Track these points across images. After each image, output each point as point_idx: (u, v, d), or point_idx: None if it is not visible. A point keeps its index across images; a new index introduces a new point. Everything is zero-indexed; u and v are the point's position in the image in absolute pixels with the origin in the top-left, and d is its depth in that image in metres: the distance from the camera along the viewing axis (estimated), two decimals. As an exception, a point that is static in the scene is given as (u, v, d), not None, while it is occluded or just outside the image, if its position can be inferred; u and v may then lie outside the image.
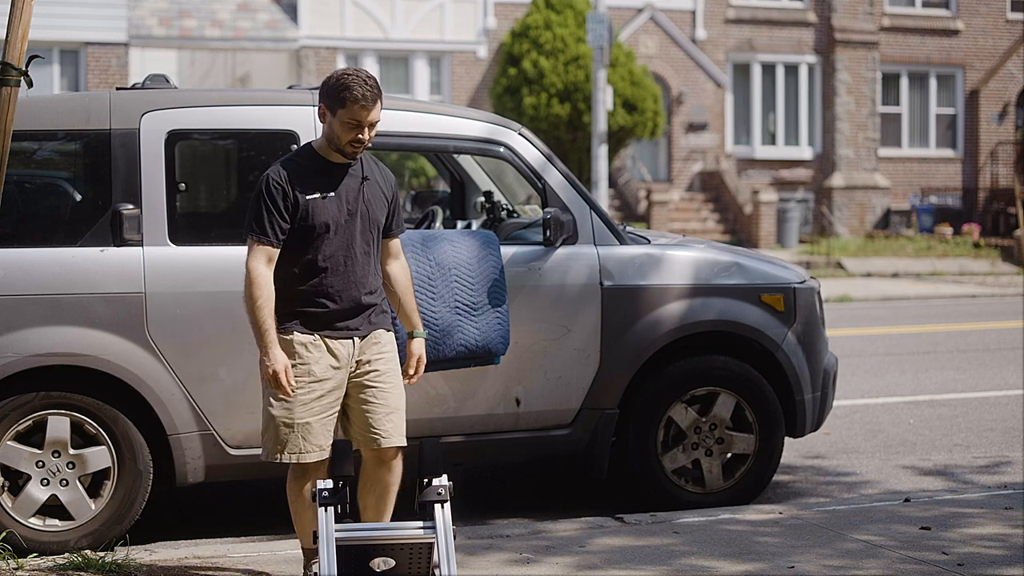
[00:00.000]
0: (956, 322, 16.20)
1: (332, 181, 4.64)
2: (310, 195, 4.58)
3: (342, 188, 4.65)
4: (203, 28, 24.76)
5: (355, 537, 4.12)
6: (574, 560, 5.34)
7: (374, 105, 4.54)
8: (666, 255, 6.44)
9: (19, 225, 5.71)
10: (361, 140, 4.58)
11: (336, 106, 4.55)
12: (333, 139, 4.60)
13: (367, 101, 4.52)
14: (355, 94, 4.51)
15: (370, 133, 4.60)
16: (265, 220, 4.55)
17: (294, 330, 4.63)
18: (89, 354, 5.57)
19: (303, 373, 4.61)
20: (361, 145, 4.60)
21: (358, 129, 4.55)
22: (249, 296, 4.54)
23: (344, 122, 4.54)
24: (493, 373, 6.02)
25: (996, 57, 30.37)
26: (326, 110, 4.60)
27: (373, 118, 4.57)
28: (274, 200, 4.55)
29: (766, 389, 6.51)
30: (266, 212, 4.55)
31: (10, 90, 4.38)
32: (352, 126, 4.54)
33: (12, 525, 5.49)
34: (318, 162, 4.65)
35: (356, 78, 4.54)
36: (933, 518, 5.98)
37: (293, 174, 4.60)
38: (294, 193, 4.57)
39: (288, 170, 4.61)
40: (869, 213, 28.99)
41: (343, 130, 4.55)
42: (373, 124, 4.59)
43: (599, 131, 21.52)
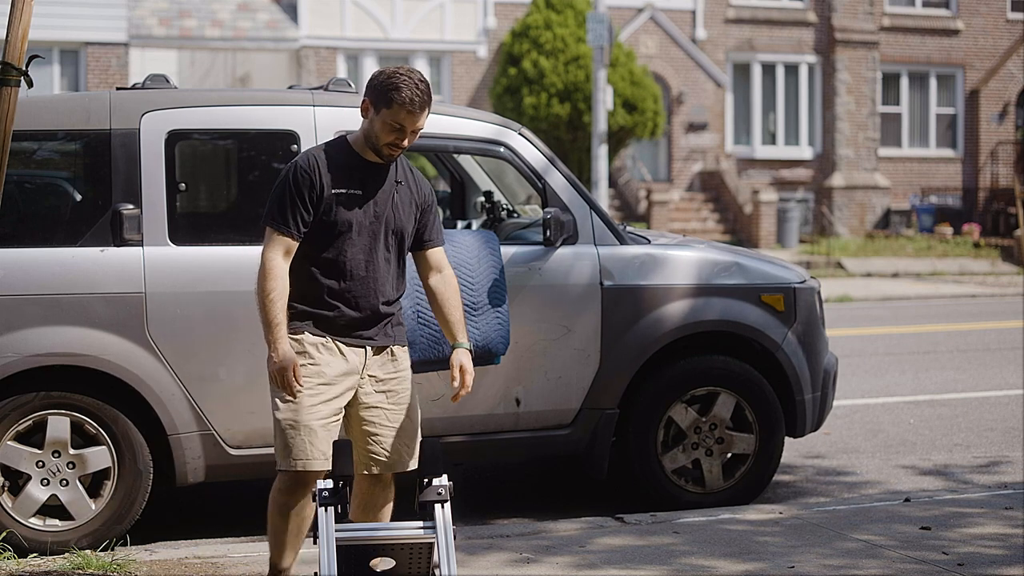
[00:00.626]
0: (956, 322, 16.20)
1: (363, 179, 4.40)
2: (337, 189, 4.35)
3: (372, 188, 4.41)
4: (203, 28, 24.76)
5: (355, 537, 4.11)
6: (574, 560, 5.34)
7: (422, 112, 4.31)
8: (666, 255, 6.44)
9: (19, 225, 5.71)
10: (399, 144, 4.34)
11: (381, 104, 4.30)
12: (371, 137, 4.36)
13: (414, 106, 4.27)
14: (404, 96, 4.27)
15: (411, 139, 4.37)
16: (288, 209, 4.31)
17: (305, 330, 4.39)
18: (89, 354, 5.57)
19: (312, 374, 4.36)
20: (399, 149, 4.37)
21: (399, 133, 4.31)
22: (262, 288, 4.29)
23: (386, 122, 4.30)
24: (493, 373, 6.02)
25: (996, 57, 30.37)
26: (370, 106, 4.35)
27: (418, 124, 4.34)
28: (300, 189, 4.31)
29: (766, 389, 6.51)
30: (290, 201, 4.31)
31: (10, 90, 4.37)
32: (394, 128, 4.31)
33: (12, 525, 5.49)
34: (352, 157, 4.41)
35: (409, 80, 4.30)
36: (933, 518, 5.98)
37: (323, 165, 4.35)
38: (321, 184, 4.32)
39: (318, 160, 4.37)
40: (869, 213, 28.99)
41: (384, 130, 4.31)
42: (416, 131, 4.36)
43: (599, 131, 21.52)
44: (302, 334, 4.38)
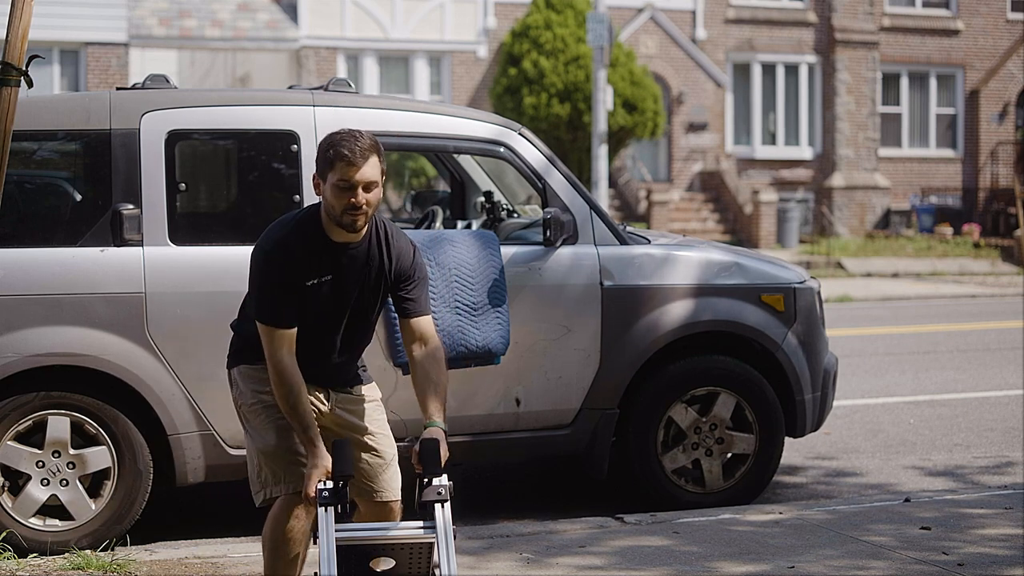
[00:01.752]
0: (956, 322, 16.20)
1: (333, 263, 4.09)
2: (310, 281, 4.06)
3: (342, 273, 4.11)
4: (203, 28, 24.76)
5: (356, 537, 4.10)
6: (574, 560, 5.34)
7: (365, 160, 3.94)
8: (666, 255, 6.44)
9: (19, 225, 5.71)
10: (358, 206, 3.95)
11: (326, 169, 3.98)
12: (329, 210, 4.01)
13: (355, 156, 3.93)
14: (342, 151, 3.93)
15: (367, 196, 3.97)
16: (278, 306, 4.04)
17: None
18: (89, 354, 5.57)
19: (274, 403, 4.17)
20: (359, 212, 3.97)
21: (351, 192, 3.93)
22: (282, 395, 4.05)
23: (334, 185, 3.95)
24: (493, 373, 6.02)
25: (996, 57, 30.36)
26: (318, 179, 4.04)
27: (367, 176, 3.95)
28: (278, 283, 4.03)
29: (766, 389, 6.51)
30: (275, 296, 4.04)
31: (10, 90, 4.37)
32: (343, 188, 3.94)
33: (12, 525, 5.49)
34: (320, 240, 4.07)
35: (346, 134, 3.99)
36: (933, 518, 5.98)
37: (292, 250, 4.04)
38: (292, 275, 4.04)
39: (287, 245, 4.05)
40: (869, 213, 28.99)
41: (335, 196, 3.95)
42: (370, 185, 3.96)
43: (599, 131, 21.52)
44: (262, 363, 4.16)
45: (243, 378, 4.27)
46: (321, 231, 4.07)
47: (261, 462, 4.20)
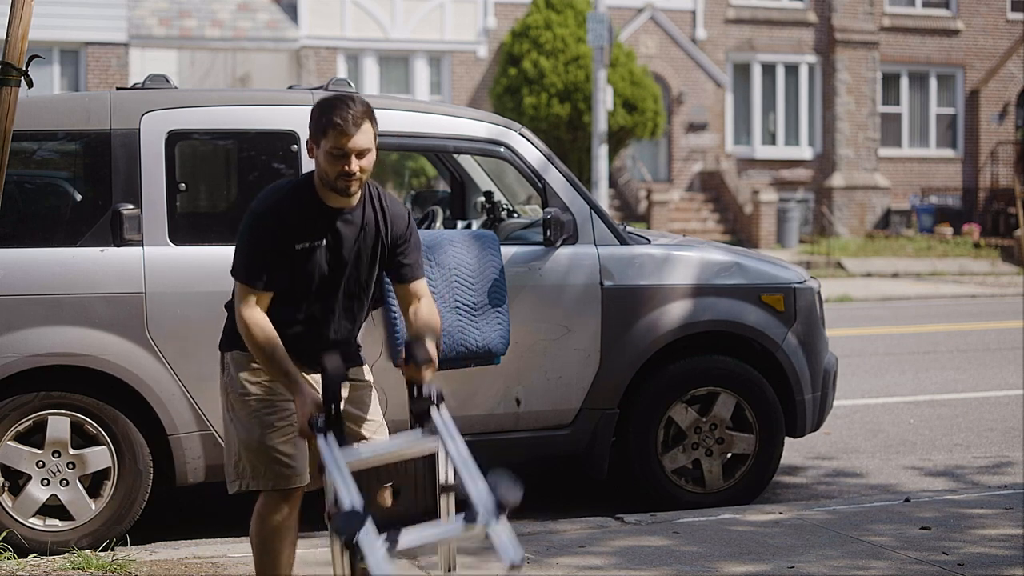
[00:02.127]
0: (956, 322, 16.20)
1: (327, 227, 4.07)
2: (300, 244, 4.04)
3: (336, 237, 4.09)
4: (203, 28, 24.76)
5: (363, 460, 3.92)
6: (574, 560, 5.34)
7: (358, 128, 3.92)
8: (666, 255, 6.44)
9: (19, 225, 5.71)
10: (351, 173, 3.95)
11: (319, 136, 3.97)
12: (324, 177, 4.01)
13: (348, 124, 3.91)
14: (334, 119, 3.92)
15: (361, 163, 3.97)
16: (255, 267, 4.03)
17: None
18: (89, 354, 5.57)
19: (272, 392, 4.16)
20: (352, 179, 3.97)
21: (344, 160, 3.94)
22: (255, 346, 4.02)
23: (327, 152, 3.95)
24: (493, 373, 6.02)
25: (996, 57, 30.37)
26: (312, 143, 4.02)
27: (360, 144, 3.94)
28: (263, 246, 4.02)
29: (766, 389, 6.51)
30: (258, 257, 4.03)
31: (10, 90, 4.37)
32: (336, 156, 3.94)
33: (12, 525, 5.49)
34: (315, 205, 4.06)
35: (337, 100, 3.98)
36: (933, 518, 5.98)
37: (285, 215, 4.03)
38: (284, 239, 4.02)
39: (281, 210, 4.04)
40: (869, 213, 28.99)
41: (328, 163, 3.95)
42: (363, 152, 3.96)
43: (599, 131, 21.52)
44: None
45: (235, 364, 4.21)
46: (315, 196, 4.06)
47: (241, 453, 4.18)
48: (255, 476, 4.17)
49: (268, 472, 4.14)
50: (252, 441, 4.16)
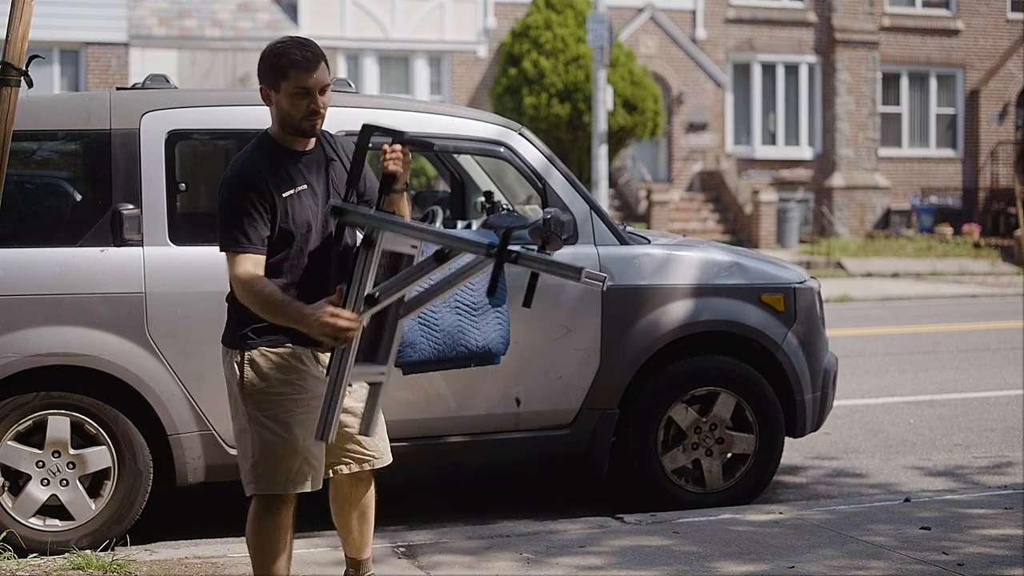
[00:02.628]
0: (956, 322, 16.20)
1: (301, 172, 4.07)
2: (285, 191, 4.00)
3: (312, 178, 4.09)
4: (203, 28, 24.76)
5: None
6: (574, 560, 5.34)
7: (317, 64, 3.98)
8: (666, 255, 6.44)
9: (19, 225, 5.71)
10: (316, 111, 4.00)
11: (278, 79, 3.99)
12: (287, 120, 4.03)
13: (308, 63, 3.96)
14: (294, 58, 3.96)
15: (323, 98, 4.02)
16: (246, 226, 3.94)
17: (286, 343, 4.07)
18: (89, 354, 5.56)
19: (302, 390, 4.08)
20: (319, 116, 4.02)
21: (309, 98, 3.98)
22: (252, 296, 3.94)
23: (290, 93, 3.98)
24: (493, 373, 6.02)
25: (996, 57, 30.37)
26: (268, 91, 4.04)
27: (321, 79, 3.99)
28: (251, 201, 3.94)
29: (766, 389, 6.51)
30: (245, 217, 3.93)
31: (10, 90, 4.37)
32: (301, 95, 3.98)
33: (12, 525, 5.49)
34: (282, 153, 4.06)
35: (290, 41, 4.02)
36: (933, 518, 5.98)
37: (262, 170, 3.99)
38: (268, 192, 3.97)
39: (255, 166, 3.99)
40: (869, 213, 28.99)
41: (292, 104, 3.99)
42: (324, 87, 4.01)
43: (599, 131, 21.52)
44: (285, 346, 4.07)
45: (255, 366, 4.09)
46: (278, 144, 4.08)
47: (265, 455, 4.06)
48: (282, 479, 4.07)
49: (296, 476, 4.06)
50: (283, 443, 4.04)
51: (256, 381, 4.08)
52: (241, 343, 4.13)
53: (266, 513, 4.13)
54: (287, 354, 4.07)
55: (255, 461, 4.08)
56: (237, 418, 4.17)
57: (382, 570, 5.23)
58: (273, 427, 4.05)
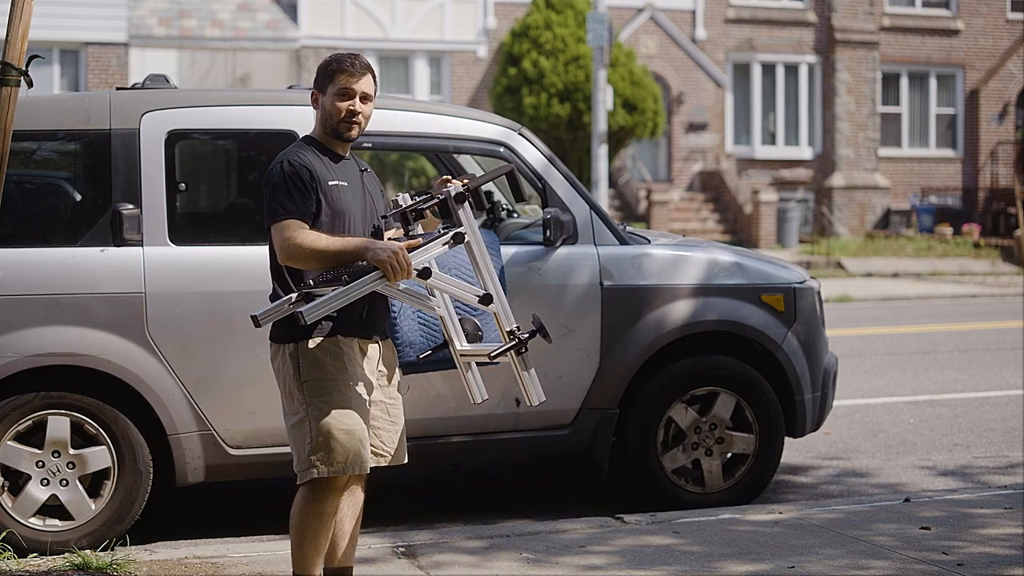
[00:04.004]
0: (956, 322, 16.20)
1: (341, 171, 4.40)
2: (332, 181, 4.32)
3: (351, 179, 4.42)
4: (203, 28, 24.76)
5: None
6: (574, 560, 5.34)
7: (363, 75, 4.38)
8: (666, 255, 6.44)
9: (19, 225, 5.71)
10: (355, 112, 4.36)
11: (326, 83, 4.41)
12: (328, 120, 4.38)
13: (355, 68, 4.38)
14: (343, 65, 4.39)
15: (364, 107, 4.38)
16: (294, 198, 4.22)
17: (337, 333, 4.28)
18: (89, 354, 5.56)
19: (353, 377, 4.29)
20: (356, 119, 4.37)
21: (350, 99, 4.35)
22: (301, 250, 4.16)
23: (335, 94, 4.36)
24: (493, 373, 6.01)
25: (996, 57, 30.37)
26: (317, 93, 4.44)
27: (364, 88, 4.38)
28: (300, 179, 4.24)
29: (766, 389, 6.51)
30: (294, 190, 4.22)
31: (10, 90, 4.37)
32: (344, 96, 4.35)
33: (12, 525, 5.49)
34: (326, 153, 4.40)
35: (344, 53, 4.49)
36: (933, 518, 5.98)
37: (310, 159, 4.32)
38: (317, 175, 4.28)
39: (304, 156, 4.32)
40: (869, 213, 28.99)
41: (334, 105, 4.35)
42: (366, 97, 4.39)
43: (599, 131, 21.52)
44: (335, 336, 4.27)
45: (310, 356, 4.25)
46: (320, 143, 4.43)
47: (325, 439, 4.21)
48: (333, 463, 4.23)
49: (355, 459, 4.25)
50: (343, 425, 4.23)
51: (312, 370, 4.25)
52: (293, 336, 4.28)
53: (316, 500, 4.27)
54: (337, 343, 4.27)
55: (314, 446, 4.23)
56: (293, 409, 4.32)
57: (382, 570, 5.23)
58: (332, 412, 4.22)
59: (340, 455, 4.22)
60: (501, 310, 4.44)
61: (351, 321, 4.28)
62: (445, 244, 4.29)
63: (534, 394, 4.50)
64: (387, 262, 4.08)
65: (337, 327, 4.26)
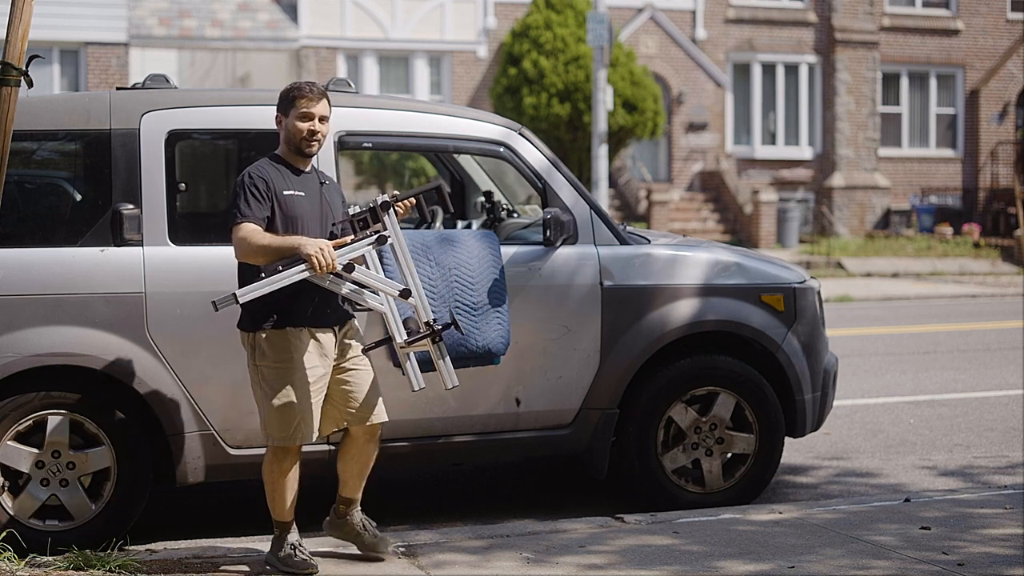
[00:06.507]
0: (956, 322, 16.20)
1: (299, 182, 5.10)
2: (286, 191, 5.02)
3: (309, 190, 5.11)
4: (203, 28, 24.76)
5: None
6: (574, 560, 5.34)
7: (320, 100, 5.10)
8: (666, 255, 6.44)
9: (19, 225, 5.70)
10: (315, 131, 5.07)
11: (288, 107, 5.10)
12: (291, 139, 5.09)
13: (313, 93, 5.09)
14: (303, 91, 5.09)
15: (322, 127, 5.09)
16: (251, 204, 4.93)
17: (286, 324, 5.00)
18: (89, 354, 5.56)
19: (299, 363, 4.99)
20: (316, 138, 5.08)
21: (311, 122, 5.06)
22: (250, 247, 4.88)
23: (296, 117, 5.06)
24: (493, 373, 6.02)
25: (996, 57, 30.37)
26: (281, 116, 5.13)
27: (322, 111, 5.10)
28: (256, 188, 4.96)
29: (766, 389, 6.51)
30: (251, 197, 4.94)
31: (10, 90, 4.38)
32: (304, 118, 5.05)
33: (12, 525, 5.48)
34: (286, 165, 5.11)
35: (301, 82, 5.20)
36: (933, 518, 5.98)
37: (269, 170, 5.04)
38: (272, 185, 4.99)
39: (265, 167, 5.05)
40: (869, 213, 28.99)
41: (296, 126, 5.06)
42: (324, 119, 5.11)
43: (599, 131, 21.52)
44: (284, 328, 5.00)
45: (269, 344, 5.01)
46: (283, 159, 5.14)
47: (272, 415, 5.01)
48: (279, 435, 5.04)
49: (297, 431, 5.02)
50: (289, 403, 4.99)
51: (263, 356, 5.03)
52: (251, 326, 5.06)
53: (275, 460, 5.13)
54: (285, 334, 5.00)
55: (266, 420, 5.06)
56: (254, 387, 5.13)
57: (382, 569, 5.24)
58: (276, 393, 5.00)
59: (284, 428, 5.02)
60: (420, 303, 5.11)
61: (300, 314, 5.01)
62: (369, 244, 5.01)
63: (448, 378, 5.18)
64: (312, 256, 4.81)
65: (286, 319, 5.00)
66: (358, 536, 5.37)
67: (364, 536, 5.36)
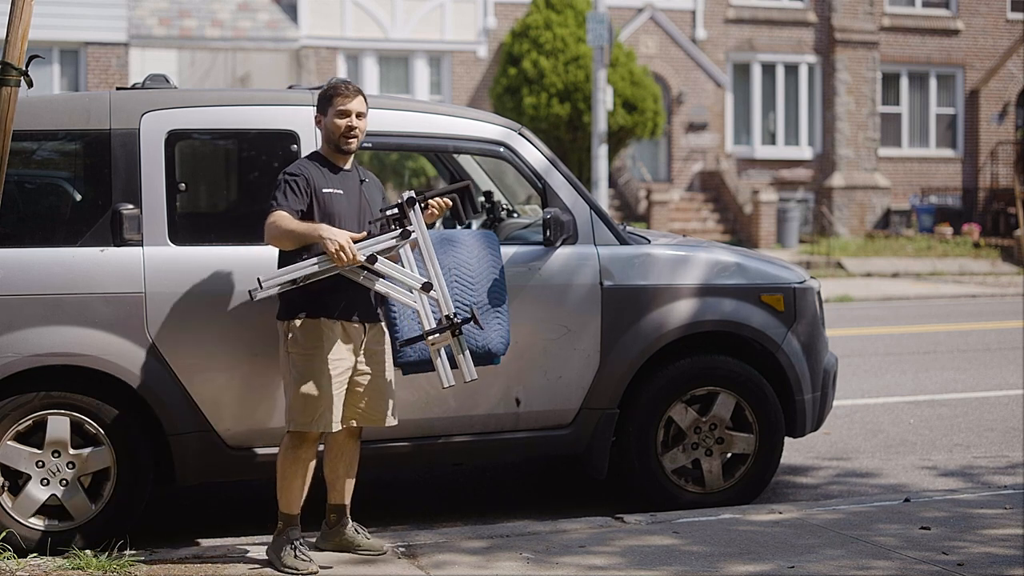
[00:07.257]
0: (956, 322, 16.20)
1: (339, 180, 5.27)
2: (325, 189, 5.20)
3: (347, 188, 5.27)
4: (203, 28, 24.76)
5: None
6: (575, 560, 5.34)
7: (356, 97, 5.28)
8: (666, 255, 6.44)
9: (19, 225, 5.70)
10: (353, 127, 5.25)
11: (326, 106, 5.28)
12: (330, 136, 5.27)
13: (349, 91, 5.27)
14: (339, 90, 5.28)
15: (359, 123, 5.27)
16: (287, 196, 5.12)
17: (320, 315, 5.16)
18: (89, 354, 5.56)
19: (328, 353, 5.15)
20: (354, 134, 5.26)
21: (348, 116, 5.24)
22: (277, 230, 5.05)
23: (334, 115, 5.25)
24: (493, 373, 6.02)
25: (996, 57, 30.37)
26: (320, 116, 5.32)
27: (359, 108, 5.27)
28: (296, 183, 5.15)
29: (766, 389, 6.51)
30: (289, 190, 5.14)
31: (10, 90, 4.38)
32: (342, 115, 5.24)
33: (12, 525, 5.48)
34: (326, 164, 5.29)
35: (337, 80, 5.38)
36: (933, 518, 5.98)
37: (309, 168, 5.23)
38: (311, 182, 5.18)
39: (305, 165, 5.25)
40: (869, 213, 28.99)
41: (334, 123, 5.25)
42: (361, 115, 5.29)
43: (599, 131, 21.52)
44: (318, 318, 5.16)
45: (303, 332, 5.17)
46: (324, 158, 5.32)
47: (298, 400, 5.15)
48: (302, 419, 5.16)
49: (321, 419, 5.15)
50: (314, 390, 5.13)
51: (295, 344, 5.18)
52: (287, 315, 5.22)
53: (292, 446, 5.23)
54: (319, 324, 5.16)
55: (291, 405, 5.20)
56: (284, 373, 5.27)
57: (382, 570, 5.24)
58: (304, 381, 5.14)
59: (308, 415, 5.14)
60: (441, 297, 5.23)
61: (334, 306, 5.17)
62: (393, 238, 5.16)
63: (467, 371, 5.31)
64: (332, 247, 4.97)
65: (322, 310, 5.16)
66: (352, 542, 5.43)
67: (358, 540, 5.41)
